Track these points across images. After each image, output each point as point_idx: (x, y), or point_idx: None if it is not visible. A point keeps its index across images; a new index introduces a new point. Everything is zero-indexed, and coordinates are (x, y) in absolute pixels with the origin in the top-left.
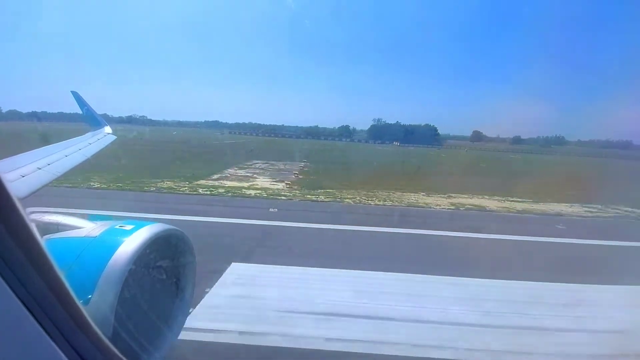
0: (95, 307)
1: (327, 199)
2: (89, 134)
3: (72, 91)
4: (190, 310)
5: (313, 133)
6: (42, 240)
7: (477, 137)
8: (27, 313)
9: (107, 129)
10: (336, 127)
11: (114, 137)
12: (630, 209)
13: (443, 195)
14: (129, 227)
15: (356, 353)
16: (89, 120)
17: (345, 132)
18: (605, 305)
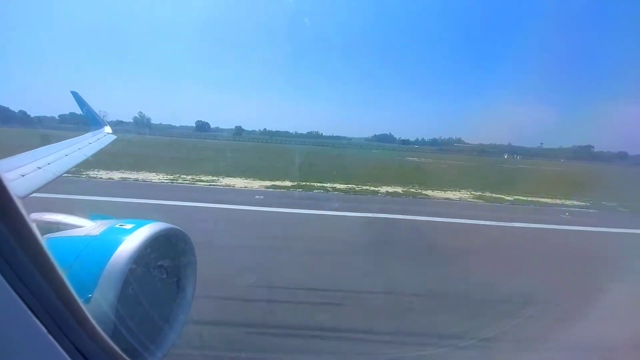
0: (96, 305)
1: None
2: (89, 134)
3: (71, 91)
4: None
5: None
6: (43, 240)
7: (202, 127)
8: (29, 312)
9: (107, 129)
10: None
11: (114, 137)
12: None
13: None
14: (129, 226)
15: None
16: (89, 120)
17: None
18: None
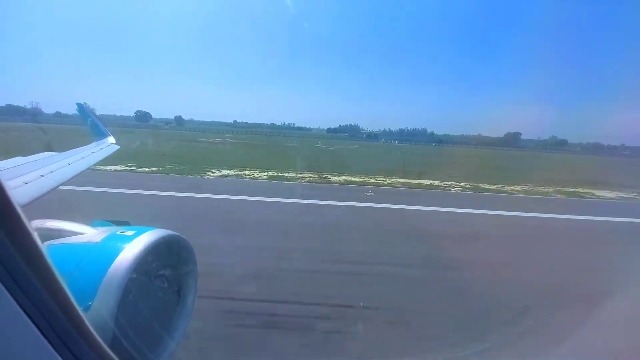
0: (96, 313)
1: None
2: (93, 144)
3: (76, 103)
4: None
5: None
6: (43, 247)
7: (142, 117)
8: (28, 319)
9: (111, 139)
10: None
11: (118, 147)
12: None
13: None
14: (130, 233)
15: None
16: (94, 130)
17: None
18: None
